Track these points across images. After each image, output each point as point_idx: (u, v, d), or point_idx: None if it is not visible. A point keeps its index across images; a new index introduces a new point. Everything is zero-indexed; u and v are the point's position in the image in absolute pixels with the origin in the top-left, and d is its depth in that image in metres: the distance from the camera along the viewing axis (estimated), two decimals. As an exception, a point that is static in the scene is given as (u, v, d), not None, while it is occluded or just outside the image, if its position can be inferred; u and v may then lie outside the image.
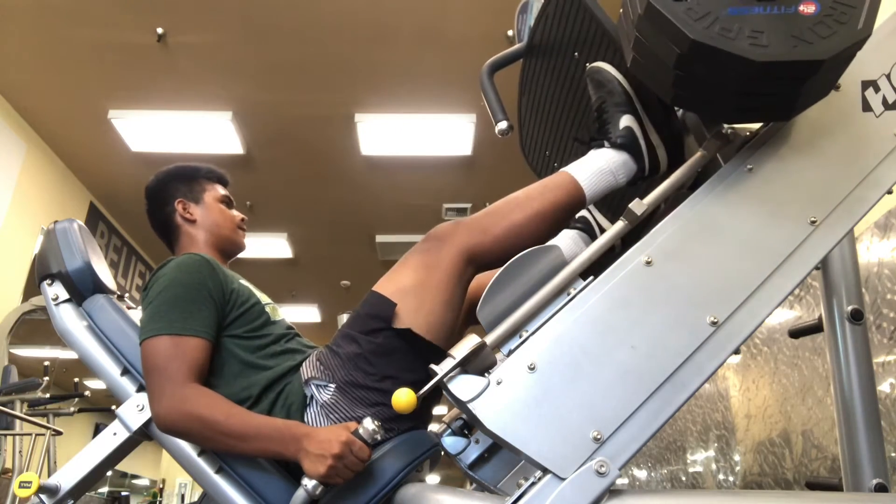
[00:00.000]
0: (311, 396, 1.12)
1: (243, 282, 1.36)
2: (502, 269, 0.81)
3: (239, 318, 1.25)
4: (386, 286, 1.11)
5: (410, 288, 1.09)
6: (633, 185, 1.13)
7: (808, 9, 0.75)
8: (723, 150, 0.92)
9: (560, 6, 1.25)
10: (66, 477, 1.26)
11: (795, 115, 0.85)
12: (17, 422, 3.52)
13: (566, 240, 1.36)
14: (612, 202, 1.30)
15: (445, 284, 1.09)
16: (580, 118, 1.30)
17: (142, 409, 1.23)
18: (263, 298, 1.36)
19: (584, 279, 0.79)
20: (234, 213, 1.53)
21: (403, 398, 0.79)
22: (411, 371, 1.07)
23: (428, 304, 1.08)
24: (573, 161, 1.14)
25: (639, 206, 0.85)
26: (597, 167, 1.10)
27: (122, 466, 8.61)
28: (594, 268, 0.82)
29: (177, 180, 1.50)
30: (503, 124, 1.34)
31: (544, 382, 0.70)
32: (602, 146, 1.11)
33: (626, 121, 1.10)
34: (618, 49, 1.10)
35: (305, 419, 1.11)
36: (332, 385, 1.10)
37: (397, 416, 1.08)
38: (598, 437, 0.67)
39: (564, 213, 1.11)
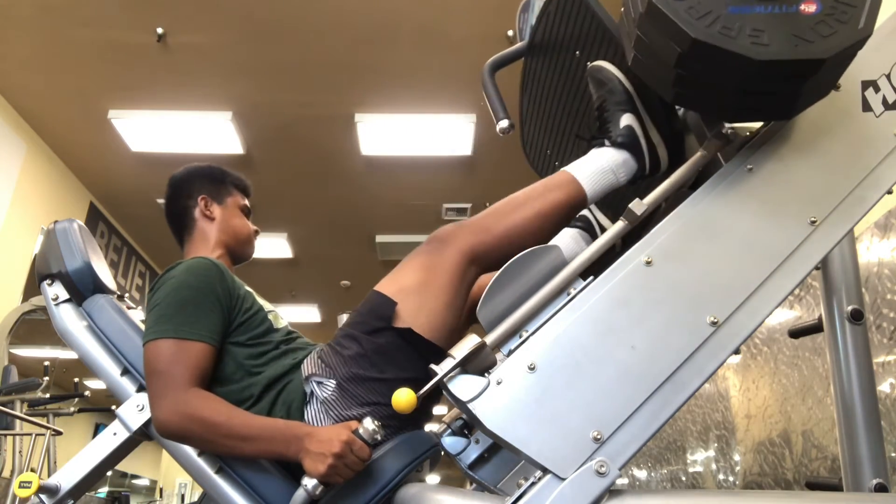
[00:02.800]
0: (311, 393, 1.12)
1: (247, 288, 1.36)
2: (502, 268, 0.81)
3: (243, 324, 1.25)
4: (388, 286, 1.11)
5: (412, 288, 1.09)
6: (633, 184, 1.12)
7: (808, 8, 0.75)
8: (723, 150, 0.91)
9: (561, 5, 1.24)
10: (66, 477, 1.26)
11: (796, 114, 0.85)
12: (17, 422, 3.52)
13: (566, 238, 1.36)
14: (613, 201, 1.31)
15: (447, 285, 1.08)
16: (581, 117, 1.30)
17: (142, 408, 1.23)
18: (266, 306, 1.36)
19: (584, 279, 0.79)
20: (250, 224, 1.55)
21: (403, 398, 0.79)
22: (411, 370, 1.07)
23: (429, 305, 1.08)
24: (574, 160, 1.14)
25: (639, 205, 0.85)
26: (598, 166, 1.10)
27: (122, 466, 8.60)
28: (594, 268, 0.82)
29: (205, 177, 1.52)
30: (504, 123, 1.34)
31: (544, 382, 0.70)
32: (603, 145, 1.11)
33: (626, 119, 1.10)
34: (619, 48, 1.10)
35: (305, 416, 1.11)
36: (333, 382, 1.10)
37: (396, 415, 1.08)
38: (598, 437, 0.67)
39: (566, 213, 1.11)
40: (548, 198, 1.10)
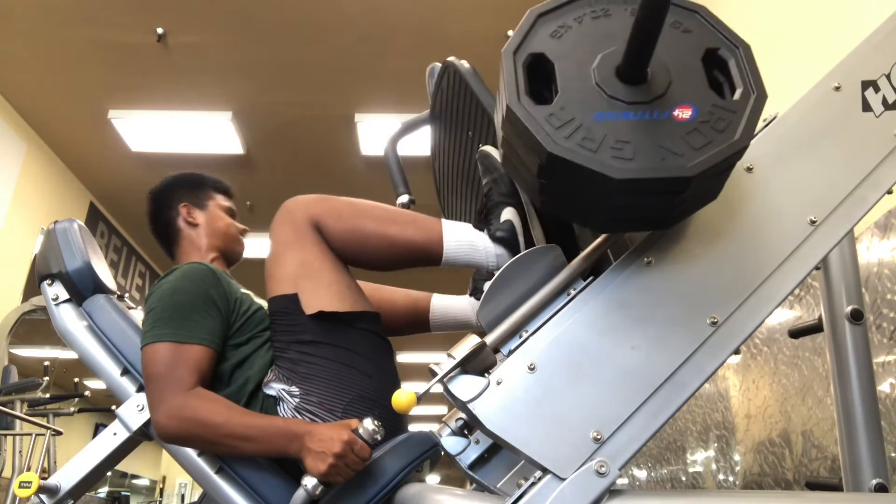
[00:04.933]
0: (277, 398, 1.13)
1: (244, 290, 1.37)
2: (502, 269, 0.81)
3: (243, 325, 1.25)
4: (277, 286, 1.11)
5: (297, 272, 1.09)
6: None
7: (683, 114, 0.66)
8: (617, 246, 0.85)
9: (450, 83, 1.20)
10: (66, 477, 1.26)
11: (676, 223, 0.77)
12: (17, 422, 3.52)
13: (465, 305, 1.35)
14: None
15: (319, 252, 1.09)
16: (479, 193, 1.23)
17: (142, 408, 1.23)
18: (264, 304, 1.36)
19: (584, 279, 0.79)
20: (237, 223, 1.54)
21: (403, 398, 0.79)
22: (354, 343, 1.10)
23: (322, 277, 1.08)
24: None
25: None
26: (470, 241, 1.07)
27: (122, 466, 8.61)
28: (593, 268, 0.82)
29: (183, 186, 1.51)
30: (404, 198, 1.30)
31: (544, 382, 0.70)
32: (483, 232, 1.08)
33: (507, 213, 1.06)
34: None
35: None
36: (297, 388, 1.11)
37: (358, 397, 1.09)
38: (598, 437, 0.67)
39: (414, 255, 1.09)
40: (406, 231, 1.08)
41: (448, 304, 1.40)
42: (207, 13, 3.77)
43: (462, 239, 1.07)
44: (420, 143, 5.22)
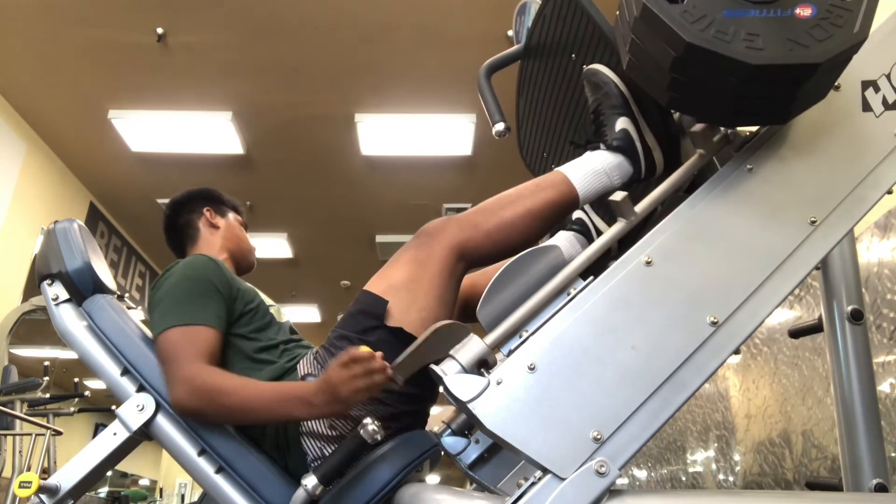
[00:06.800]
0: None
1: (248, 284, 1.39)
2: (502, 269, 0.81)
3: (245, 315, 1.28)
4: (377, 284, 1.12)
5: (402, 284, 1.09)
6: (628, 188, 1.12)
7: (804, 12, 0.75)
8: (720, 152, 0.91)
9: (557, 8, 1.25)
10: (66, 477, 1.25)
11: (792, 118, 0.85)
12: (17, 422, 3.52)
13: (562, 241, 1.37)
14: (609, 205, 1.31)
15: (437, 279, 1.09)
16: (577, 120, 1.30)
17: (142, 409, 1.23)
18: (267, 300, 1.38)
19: (584, 279, 0.79)
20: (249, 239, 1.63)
21: None
22: None
23: (420, 300, 1.08)
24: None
25: (639, 205, 0.86)
26: (591, 168, 1.10)
27: (122, 466, 8.61)
28: (593, 268, 0.82)
29: (205, 196, 1.62)
30: (500, 126, 1.34)
31: (544, 382, 0.70)
32: (598, 148, 1.11)
33: (622, 123, 1.10)
34: (614, 51, 1.10)
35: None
36: None
37: (395, 415, 1.08)
38: (598, 437, 0.67)
39: (557, 212, 1.11)
40: (539, 196, 1.10)
41: None
42: (207, 13, 3.76)
43: (584, 171, 1.10)
44: (417, 143, 5.19)
